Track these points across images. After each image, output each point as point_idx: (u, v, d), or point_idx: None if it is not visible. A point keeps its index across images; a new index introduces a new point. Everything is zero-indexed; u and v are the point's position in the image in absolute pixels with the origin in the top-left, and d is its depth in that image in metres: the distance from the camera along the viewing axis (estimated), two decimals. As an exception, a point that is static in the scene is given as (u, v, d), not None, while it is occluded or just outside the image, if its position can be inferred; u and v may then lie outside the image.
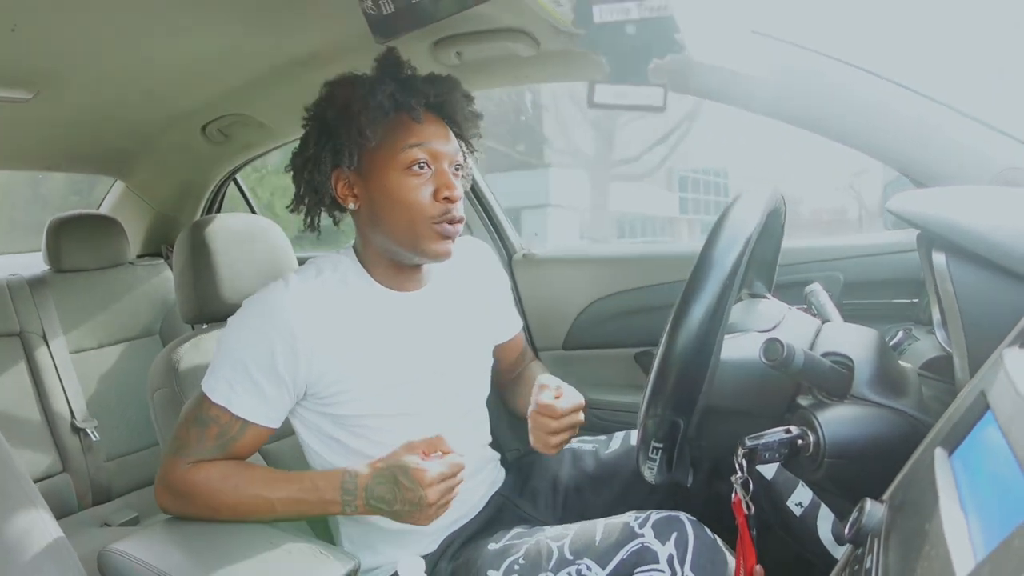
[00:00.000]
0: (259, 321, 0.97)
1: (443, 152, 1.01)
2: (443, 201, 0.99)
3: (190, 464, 0.97)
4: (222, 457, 0.98)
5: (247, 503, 0.95)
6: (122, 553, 0.89)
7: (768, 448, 0.75)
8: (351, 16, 1.10)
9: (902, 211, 0.78)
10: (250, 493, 0.95)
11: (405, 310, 1.06)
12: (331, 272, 1.04)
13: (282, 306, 0.97)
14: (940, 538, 0.41)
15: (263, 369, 0.96)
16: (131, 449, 1.91)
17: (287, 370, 0.96)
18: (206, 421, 0.97)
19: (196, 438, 0.97)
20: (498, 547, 0.99)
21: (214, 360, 0.99)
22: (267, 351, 0.95)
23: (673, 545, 0.87)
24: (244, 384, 0.96)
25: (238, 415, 0.96)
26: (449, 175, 1.01)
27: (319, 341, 0.97)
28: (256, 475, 0.98)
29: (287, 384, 0.97)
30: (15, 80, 1.36)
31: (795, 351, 0.72)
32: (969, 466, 0.48)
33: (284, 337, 0.95)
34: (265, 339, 0.96)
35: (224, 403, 0.96)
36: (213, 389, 0.97)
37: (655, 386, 0.73)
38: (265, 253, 1.33)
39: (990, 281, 0.68)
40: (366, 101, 0.97)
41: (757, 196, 0.81)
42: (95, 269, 1.99)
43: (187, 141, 1.91)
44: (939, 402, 0.80)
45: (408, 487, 0.90)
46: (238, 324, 0.99)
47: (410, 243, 1.01)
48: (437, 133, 1.02)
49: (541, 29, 1.20)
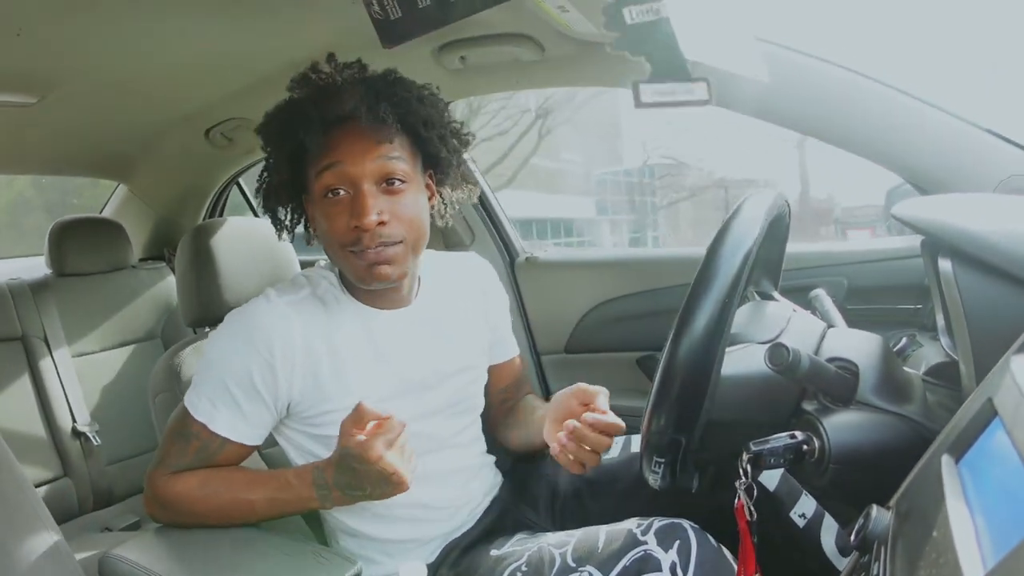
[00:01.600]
0: (238, 337, 0.95)
1: (357, 172, 0.92)
2: (354, 230, 0.92)
3: (170, 475, 0.97)
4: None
5: (228, 506, 0.95)
6: (123, 558, 0.88)
7: (773, 453, 0.74)
8: (354, 20, 1.10)
9: (908, 217, 0.78)
10: (229, 497, 0.95)
11: (388, 327, 1.02)
12: (313, 289, 1.01)
13: (261, 323, 0.95)
14: (949, 546, 0.41)
15: (242, 386, 0.94)
16: (132, 453, 1.91)
17: (266, 388, 0.95)
18: (188, 436, 0.96)
19: (178, 452, 0.97)
20: (500, 553, 0.99)
21: (197, 375, 0.99)
22: (245, 368, 0.94)
23: (676, 553, 0.86)
24: (224, 401, 0.95)
25: (217, 432, 0.95)
26: (365, 199, 0.91)
27: (299, 359, 0.95)
28: (234, 478, 0.98)
29: (266, 402, 0.96)
30: (20, 85, 1.36)
31: (800, 356, 0.72)
32: (977, 473, 0.48)
33: (263, 354, 0.94)
34: (243, 356, 0.94)
35: (205, 420, 0.95)
36: (195, 406, 0.96)
37: (658, 397, 0.73)
38: (267, 257, 1.33)
39: (997, 288, 0.68)
40: (267, 137, 0.97)
41: (760, 202, 0.80)
42: (97, 273, 1.99)
43: (190, 145, 1.91)
44: (944, 408, 0.80)
45: (363, 469, 0.87)
46: (218, 339, 0.98)
47: (343, 269, 0.99)
48: (350, 150, 0.92)
49: (546, 34, 1.21)
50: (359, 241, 0.93)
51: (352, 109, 0.91)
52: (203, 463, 0.97)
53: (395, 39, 0.92)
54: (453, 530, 1.08)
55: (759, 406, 0.83)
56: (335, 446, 0.94)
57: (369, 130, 0.92)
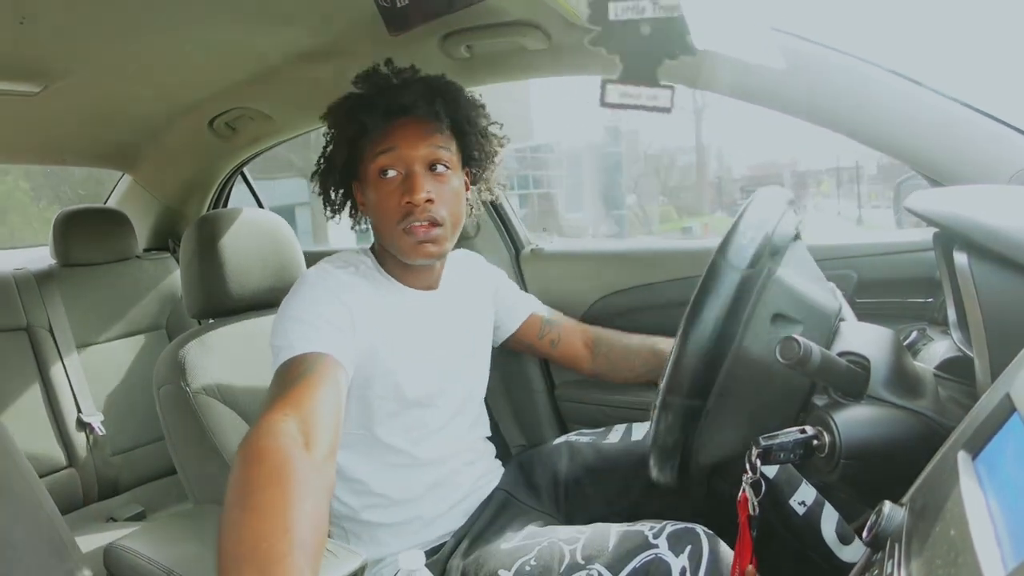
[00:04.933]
0: (318, 289, 1.01)
1: (411, 155, 1.05)
2: (406, 205, 1.03)
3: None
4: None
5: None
6: (128, 549, 0.88)
7: (782, 448, 0.73)
8: (359, 9, 1.09)
9: (922, 210, 0.77)
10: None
11: (423, 306, 1.12)
12: (356, 267, 1.09)
13: (336, 282, 1.02)
14: (968, 546, 0.40)
15: (332, 320, 0.97)
16: (137, 443, 1.91)
17: (350, 327, 0.99)
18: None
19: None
20: (510, 547, 0.99)
21: (278, 332, 0.96)
22: (330, 310, 0.98)
23: (687, 558, 0.86)
24: (317, 328, 0.95)
25: (317, 351, 0.92)
26: (418, 178, 1.03)
27: (363, 320, 1.01)
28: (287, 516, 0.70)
29: (349, 336, 0.99)
30: (23, 74, 1.35)
31: (812, 350, 0.70)
32: (995, 471, 0.47)
33: (346, 304, 1.00)
34: (328, 303, 0.99)
35: (305, 349, 0.92)
36: (290, 347, 0.92)
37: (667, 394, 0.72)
38: (272, 247, 1.33)
39: (1013, 281, 0.66)
40: (333, 121, 1.09)
41: (773, 197, 0.80)
42: (102, 263, 1.99)
43: (194, 135, 1.91)
44: (956, 404, 0.79)
45: None
46: (299, 294, 1.01)
47: (390, 246, 1.08)
48: (405, 137, 1.05)
49: (553, 23, 1.19)
50: (410, 215, 1.03)
51: (411, 102, 1.05)
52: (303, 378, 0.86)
53: (401, 27, 0.91)
54: (451, 507, 1.12)
55: (769, 400, 0.82)
56: (365, 407, 1.06)
57: (423, 121, 1.06)
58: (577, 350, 1.36)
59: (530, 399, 1.69)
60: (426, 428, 1.11)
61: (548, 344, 1.35)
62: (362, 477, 1.08)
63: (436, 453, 1.11)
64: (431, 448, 1.11)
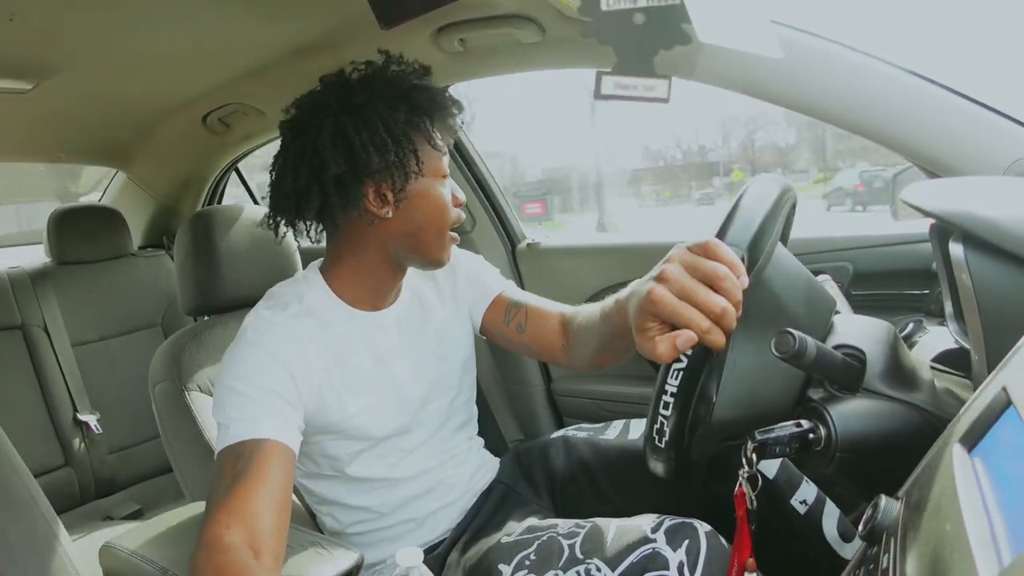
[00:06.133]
0: (256, 356, 0.91)
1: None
2: (456, 207, 1.04)
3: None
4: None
5: None
6: (123, 548, 0.88)
7: (778, 442, 0.73)
8: (351, 3, 1.08)
9: (918, 202, 0.76)
10: None
11: (379, 328, 1.04)
12: (300, 303, 0.98)
13: (273, 339, 0.92)
14: (963, 541, 0.40)
15: (272, 392, 0.89)
16: (134, 441, 1.91)
17: (293, 395, 0.91)
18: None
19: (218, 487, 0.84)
20: (510, 541, 0.99)
21: (218, 408, 0.90)
22: (269, 380, 0.89)
23: (684, 552, 0.86)
24: (260, 408, 0.88)
25: (261, 437, 0.86)
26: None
27: (314, 374, 0.94)
28: None
29: (295, 407, 0.91)
30: (14, 71, 1.34)
31: (807, 343, 0.70)
32: (991, 464, 0.47)
33: (286, 368, 0.91)
34: (266, 371, 0.90)
35: (249, 435, 0.86)
36: (231, 434, 0.87)
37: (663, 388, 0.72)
38: (267, 244, 1.32)
39: (1010, 273, 0.66)
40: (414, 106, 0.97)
41: (767, 185, 0.79)
42: (97, 261, 1.99)
43: (188, 131, 1.90)
44: (952, 396, 0.79)
45: None
46: (232, 364, 0.91)
47: (433, 247, 1.02)
48: (448, 141, 1.04)
49: (547, 15, 1.18)
50: (459, 216, 1.04)
51: (458, 109, 1.02)
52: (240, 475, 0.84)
53: (393, 20, 0.90)
54: (446, 505, 1.10)
55: (764, 394, 0.81)
56: (323, 465, 1.01)
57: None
58: (549, 335, 1.11)
59: (526, 393, 1.69)
60: (404, 451, 1.05)
61: (515, 329, 1.14)
62: (340, 499, 1.05)
63: (419, 468, 1.07)
64: (412, 466, 1.06)
